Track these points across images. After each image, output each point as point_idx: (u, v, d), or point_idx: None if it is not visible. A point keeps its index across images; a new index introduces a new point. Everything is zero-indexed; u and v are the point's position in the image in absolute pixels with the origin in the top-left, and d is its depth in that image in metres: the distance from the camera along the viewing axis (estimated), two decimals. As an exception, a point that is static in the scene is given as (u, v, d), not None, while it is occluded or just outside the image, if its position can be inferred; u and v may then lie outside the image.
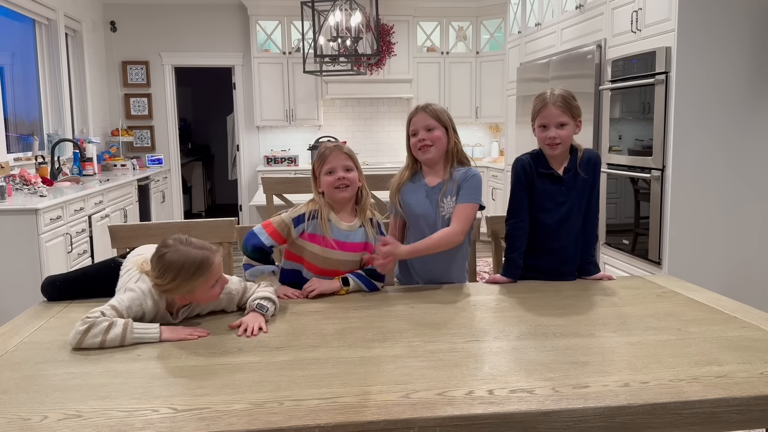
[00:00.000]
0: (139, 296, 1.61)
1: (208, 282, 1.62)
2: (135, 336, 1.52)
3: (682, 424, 1.19)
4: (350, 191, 1.97)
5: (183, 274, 1.57)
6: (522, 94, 5.46)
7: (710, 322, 1.64)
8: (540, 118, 2.07)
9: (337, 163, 1.96)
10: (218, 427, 1.09)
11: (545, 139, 2.06)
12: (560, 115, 2.03)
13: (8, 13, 4.88)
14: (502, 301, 1.87)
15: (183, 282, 1.58)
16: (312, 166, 2.04)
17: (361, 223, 2.01)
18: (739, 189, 3.51)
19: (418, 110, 2.14)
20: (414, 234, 2.14)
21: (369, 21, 5.24)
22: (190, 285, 1.59)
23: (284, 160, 6.95)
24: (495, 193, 6.56)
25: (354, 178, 1.97)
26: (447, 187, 2.08)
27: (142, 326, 1.55)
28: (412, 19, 7.09)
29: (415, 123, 2.13)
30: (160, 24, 6.99)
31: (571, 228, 2.10)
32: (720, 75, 3.42)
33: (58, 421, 1.12)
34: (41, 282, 1.95)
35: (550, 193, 2.09)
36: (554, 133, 2.04)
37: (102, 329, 1.49)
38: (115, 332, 1.49)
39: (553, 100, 2.04)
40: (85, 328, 1.48)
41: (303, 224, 1.96)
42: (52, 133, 5.46)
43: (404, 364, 1.37)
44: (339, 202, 1.99)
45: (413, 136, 2.13)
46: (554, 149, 2.06)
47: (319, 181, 2.00)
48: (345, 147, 2.02)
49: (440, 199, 2.08)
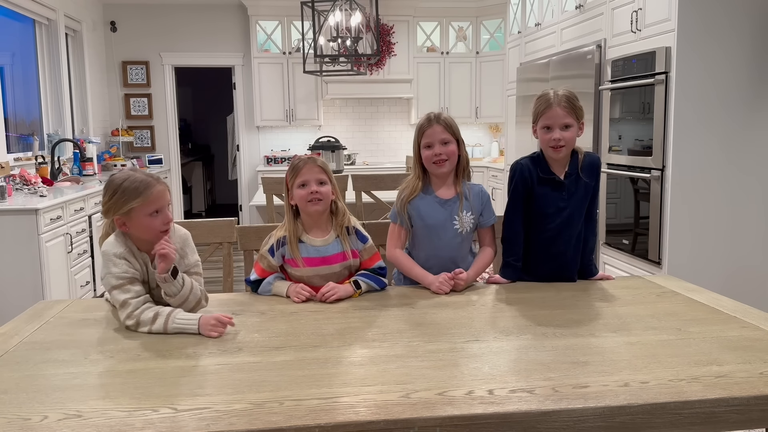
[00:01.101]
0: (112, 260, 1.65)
1: (146, 207, 1.63)
2: (176, 326, 1.59)
3: (682, 424, 1.19)
4: (323, 205, 1.93)
5: (121, 191, 1.63)
6: (522, 94, 5.46)
7: (710, 322, 1.64)
8: (544, 119, 2.00)
9: (310, 176, 1.92)
10: (218, 427, 1.09)
11: (549, 141, 1.99)
12: (565, 116, 1.97)
13: (8, 13, 4.88)
14: (502, 301, 1.87)
15: (120, 200, 1.63)
16: (285, 178, 2.00)
17: (336, 234, 1.98)
18: (739, 188, 3.51)
19: (431, 122, 2.06)
20: (423, 244, 2.11)
21: (369, 21, 5.25)
22: (127, 205, 1.63)
23: (284, 160, 6.95)
24: (495, 193, 6.56)
25: (327, 191, 1.93)
26: (463, 202, 2.08)
27: (185, 317, 1.61)
28: (412, 19, 7.09)
29: (429, 136, 2.04)
30: (160, 24, 6.99)
31: (572, 233, 2.06)
32: (720, 75, 3.42)
33: (58, 421, 1.12)
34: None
35: (551, 198, 2.04)
36: (559, 134, 1.97)
37: (148, 320, 1.60)
38: (159, 323, 1.60)
39: (558, 100, 1.98)
40: (132, 324, 1.61)
41: (279, 251, 1.96)
42: (52, 133, 5.46)
43: (404, 364, 1.37)
44: (312, 216, 1.95)
45: (427, 148, 2.05)
46: (558, 152, 2.00)
47: (291, 193, 1.96)
48: (319, 160, 1.97)
49: (457, 214, 2.07)
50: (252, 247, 2.24)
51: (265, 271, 1.97)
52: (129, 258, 1.68)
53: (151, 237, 1.68)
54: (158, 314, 1.60)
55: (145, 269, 1.72)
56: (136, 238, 1.70)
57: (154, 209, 1.65)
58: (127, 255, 1.68)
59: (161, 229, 1.67)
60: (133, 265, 1.68)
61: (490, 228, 2.15)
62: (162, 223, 1.67)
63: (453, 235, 2.08)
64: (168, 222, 1.69)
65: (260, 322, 1.68)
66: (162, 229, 1.68)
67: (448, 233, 2.08)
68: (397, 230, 2.14)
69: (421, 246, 2.12)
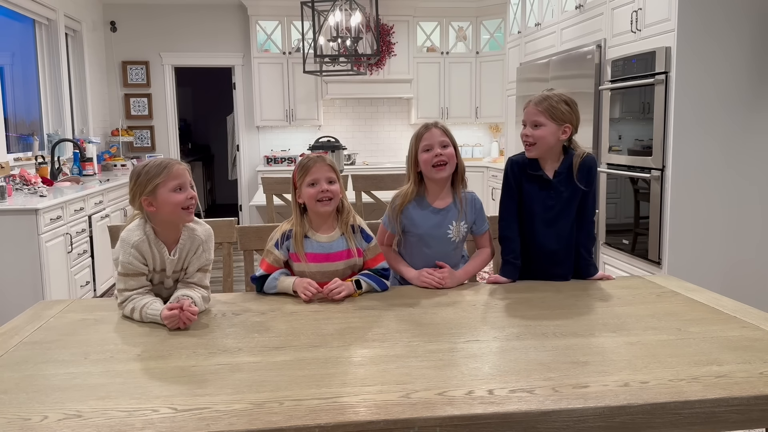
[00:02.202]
0: (125, 248, 1.74)
1: (169, 182, 1.72)
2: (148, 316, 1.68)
3: (682, 424, 1.19)
4: (333, 204, 1.93)
5: (145, 172, 1.74)
6: (522, 94, 5.46)
7: (710, 322, 1.64)
8: (523, 115, 2.06)
9: (320, 174, 1.91)
10: (218, 427, 1.09)
11: (521, 137, 2.05)
12: (536, 114, 2.00)
13: (8, 13, 4.88)
14: (502, 301, 1.87)
15: (145, 179, 1.73)
16: (292, 176, 1.99)
17: (342, 231, 1.98)
18: (738, 189, 3.51)
19: (429, 127, 2.07)
20: (415, 252, 2.13)
21: (369, 21, 5.25)
22: (151, 183, 1.72)
23: (284, 160, 6.95)
24: (495, 193, 6.56)
25: (336, 190, 1.93)
26: (460, 212, 2.09)
27: (152, 310, 1.69)
28: (412, 19, 7.09)
29: (428, 139, 2.04)
30: (160, 24, 6.99)
31: (560, 232, 2.07)
32: (720, 75, 3.42)
33: (58, 421, 1.12)
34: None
35: (537, 196, 2.06)
36: (528, 131, 2.01)
37: (131, 310, 1.72)
38: (137, 314, 1.70)
39: (535, 99, 2.02)
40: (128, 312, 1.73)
41: (285, 244, 1.96)
42: (52, 133, 5.46)
43: (404, 364, 1.37)
44: (320, 215, 1.95)
45: (426, 151, 2.04)
46: (528, 150, 2.03)
47: (300, 191, 1.96)
48: (328, 158, 1.97)
49: (451, 223, 2.08)
50: (252, 247, 2.24)
51: (271, 266, 1.96)
52: (143, 247, 1.75)
53: (176, 215, 1.75)
54: (134, 308, 1.71)
55: (159, 258, 1.78)
56: (159, 221, 1.77)
57: (177, 185, 1.73)
58: (141, 244, 1.75)
59: (185, 204, 1.74)
60: (145, 255, 1.75)
61: (485, 233, 2.18)
62: (186, 198, 1.74)
63: (446, 243, 2.10)
64: (192, 198, 1.76)
65: (260, 322, 1.68)
66: (185, 204, 1.74)
67: (441, 242, 2.10)
68: (386, 235, 2.18)
69: (413, 253, 2.14)
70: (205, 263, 1.85)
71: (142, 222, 1.78)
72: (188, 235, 1.82)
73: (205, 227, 1.87)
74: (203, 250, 1.84)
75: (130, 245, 1.74)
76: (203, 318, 1.73)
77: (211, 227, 1.90)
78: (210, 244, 1.87)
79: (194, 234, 1.83)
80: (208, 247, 1.86)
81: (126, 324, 1.68)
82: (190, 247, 1.82)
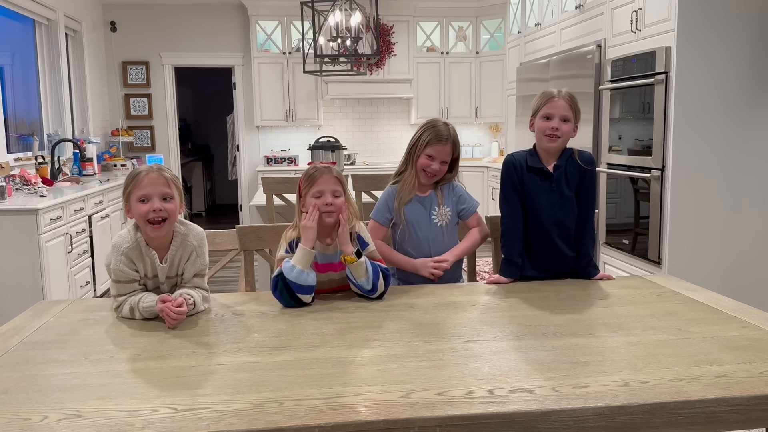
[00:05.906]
0: (115, 255, 1.73)
1: (136, 192, 1.71)
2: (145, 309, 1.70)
3: (682, 424, 1.19)
4: (335, 217, 1.92)
5: (126, 179, 1.76)
6: (522, 94, 5.46)
7: (710, 322, 1.64)
8: (546, 108, 2.06)
9: (325, 187, 1.91)
10: (218, 427, 1.09)
11: (546, 129, 2.05)
12: (567, 109, 2.05)
13: (8, 13, 4.88)
14: (502, 301, 1.87)
15: (124, 187, 1.74)
16: (298, 184, 1.99)
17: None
18: (739, 188, 3.51)
19: (443, 139, 2.19)
20: (408, 241, 2.25)
21: (369, 21, 5.25)
22: (126, 192, 1.73)
23: (284, 160, 6.95)
24: (495, 192, 6.55)
25: (341, 203, 1.92)
26: (441, 199, 2.25)
27: (147, 303, 1.70)
28: (412, 19, 7.09)
29: (436, 151, 2.19)
30: (160, 24, 6.99)
31: (563, 224, 2.09)
32: (720, 75, 3.42)
33: (58, 421, 1.12)
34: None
35: (539, 188, 2.09)
36: (557, 124, 2.04)
37: (129, 310, 1.72)
38: (137, 312, 1.71)
39: (562, 94, 2.07)
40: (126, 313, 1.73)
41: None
42: (52, 133, 5.46)
43: (404, 364, 1.37)
44: (323, 227, 1.94)
45: (428, 158, 2.19)
46: (553, 141, 2.05)
47: (304, 200, 1.95)
48: (335, 170, 1.97)
49: (434, 209, 2.23)
50: (252, 247, 2.24)
51: None
52: (133, 254, 1.74)
53: (141, 225, 1.73)
54: (131, 308, 1.72)
55: (150, 265, 1.76)
56: (144, 232, 1.75)
57: (141, 195, 1.70)
58: (132, 251, 1.73)
59: (147, 216, 1.70)
60: (135, 262, 1.74)
61: (475, 214, 2.30)
62: (148, 211, 1.69)
63: (434, 229, 2.23)
64: (157, 210, 1.70)
65: (260, 322, 1.68)
66: (148, 217, 1.70)
67: (428, 227, 2.23)
68: (378, 228, 2.26)
69: (406, 242, 2.24)
70: (201, 268, 1.83)
71: (134, 228, 1.76)
72: (180, 242, 1.79)
73: (195, 231, 1.83)
74: (197, 256, 1.81)
75: (120, 252, 1.73)
76: (203, 318, 1.73)
77: (202, 229, 1.86)
78: (204, 248, 1.84)
79: (186, 240, 1.80)
80: (202, 252, 1.83)
81: (126, 324, 1.68)
82: (183, 254, 1.79)
